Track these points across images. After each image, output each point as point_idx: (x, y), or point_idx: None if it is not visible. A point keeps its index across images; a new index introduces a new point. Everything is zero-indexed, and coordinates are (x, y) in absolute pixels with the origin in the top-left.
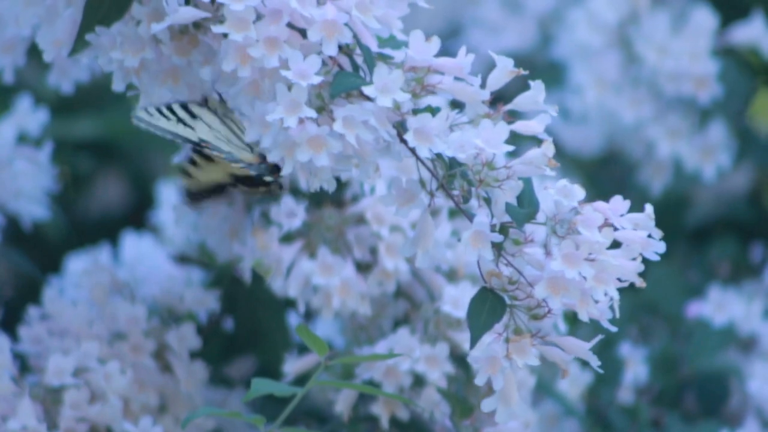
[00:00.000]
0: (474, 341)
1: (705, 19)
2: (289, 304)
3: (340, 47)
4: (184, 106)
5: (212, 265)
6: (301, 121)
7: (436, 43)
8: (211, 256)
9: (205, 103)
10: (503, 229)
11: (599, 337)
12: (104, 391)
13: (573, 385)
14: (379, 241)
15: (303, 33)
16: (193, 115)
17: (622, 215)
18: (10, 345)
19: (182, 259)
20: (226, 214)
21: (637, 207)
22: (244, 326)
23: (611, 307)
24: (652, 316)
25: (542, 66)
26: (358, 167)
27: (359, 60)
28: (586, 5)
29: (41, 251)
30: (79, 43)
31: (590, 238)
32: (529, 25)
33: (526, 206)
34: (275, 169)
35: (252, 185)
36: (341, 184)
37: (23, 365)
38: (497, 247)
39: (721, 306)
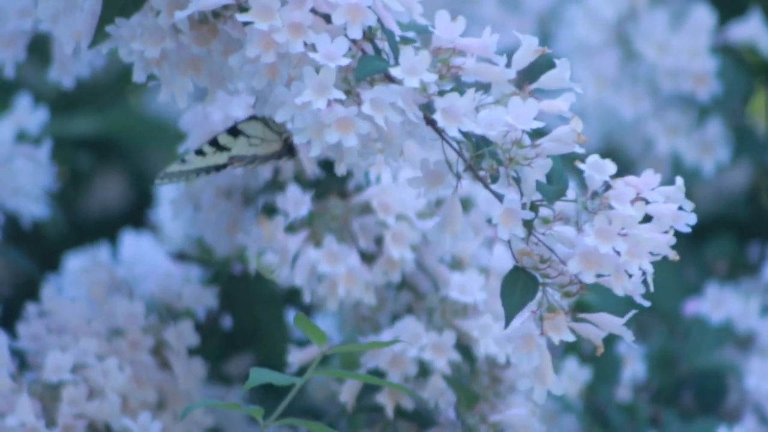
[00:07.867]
0: (508, 320)
1: (703, 17)
2: (288, 300)
3: (362, 32)
4: (232, 130)
5: (210, 262)
6: (329, 102)
7: (461, 23)
8: (209, 253)
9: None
10: (533, 208)
11: (633, 312)
12: (102, 388)
13: (571, 382)
14: (385, 229)
15: (326, 18)
16: (236, 136)
17: (653, 189)
18: (8, 342)
19: (180, 257)
20: (225, 208)
21: None
22: (243, 323)
23: (644, 282)
24: (650, 313)
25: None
26: (383, 152)
27: (381, 44)
28: (585, 2)
29: (40, 249)
30: (99, 35)
31: (623, 213)
32: (528, 22)
33: (555, 184)
34: (291, 151)
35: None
36: (345, 176)
37: (22, 362)
38: (528, 226)
39: (718, 303)
